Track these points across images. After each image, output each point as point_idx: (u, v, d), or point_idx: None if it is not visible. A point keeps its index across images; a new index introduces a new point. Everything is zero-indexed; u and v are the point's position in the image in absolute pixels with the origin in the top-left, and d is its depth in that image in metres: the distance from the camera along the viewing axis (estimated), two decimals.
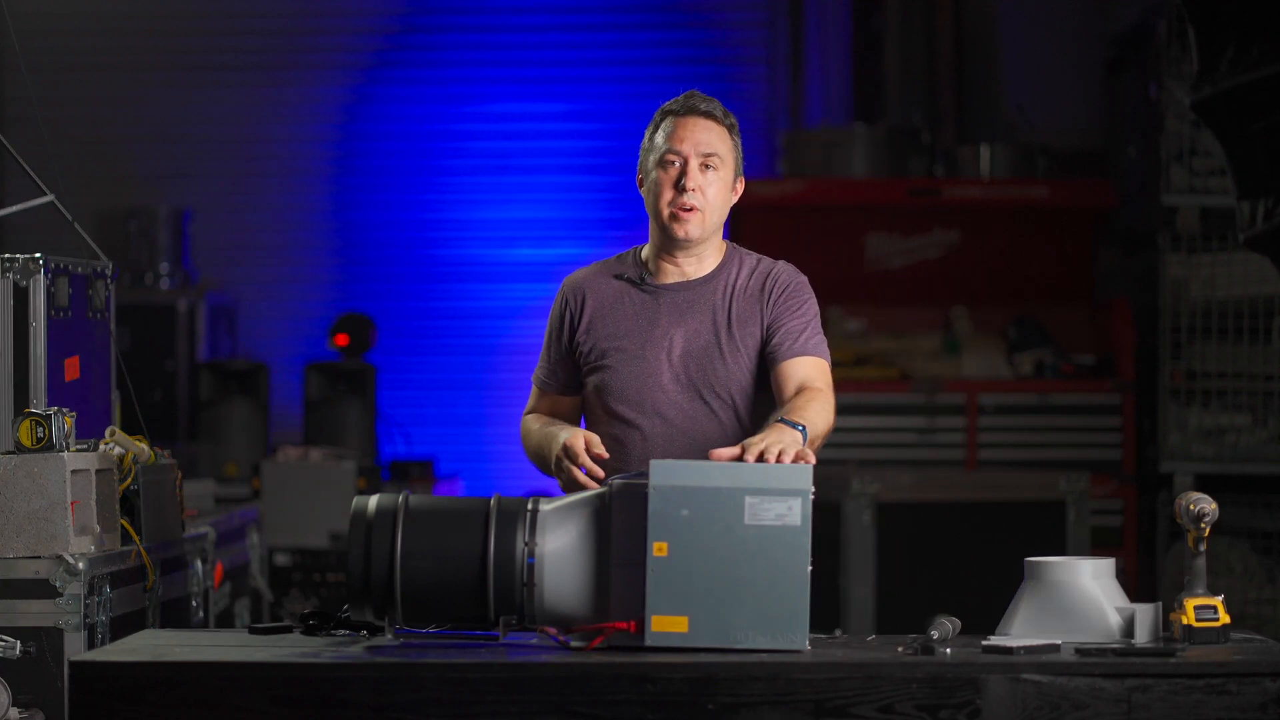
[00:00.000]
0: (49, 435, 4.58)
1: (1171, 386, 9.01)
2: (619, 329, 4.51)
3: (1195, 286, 8.98)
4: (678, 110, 4.51)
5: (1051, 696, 3.74)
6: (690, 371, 4.47)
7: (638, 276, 4.55)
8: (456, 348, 11.05)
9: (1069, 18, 10.66)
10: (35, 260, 4.97)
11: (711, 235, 4.53)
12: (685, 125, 4.49)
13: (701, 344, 4.48)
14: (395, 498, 4.01)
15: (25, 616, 4.52)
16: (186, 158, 11.10)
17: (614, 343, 4.50)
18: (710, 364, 4.47)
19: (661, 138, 4.52)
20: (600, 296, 4.54)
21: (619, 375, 4.48)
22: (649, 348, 4.48)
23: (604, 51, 11.03)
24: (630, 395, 4.47)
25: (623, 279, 4.55)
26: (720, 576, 3.87)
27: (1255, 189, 5.46)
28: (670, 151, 4.49)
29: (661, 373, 4.47)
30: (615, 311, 4.52)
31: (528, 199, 11.02)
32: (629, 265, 4.58)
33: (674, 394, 4.46)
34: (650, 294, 4.53)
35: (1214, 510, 4.04)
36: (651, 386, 4.46)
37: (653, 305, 4.51)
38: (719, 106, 4.54)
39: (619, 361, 4.48)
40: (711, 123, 4.50)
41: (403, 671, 3.76)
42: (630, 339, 4.50)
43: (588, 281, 4.58)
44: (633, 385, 4.47)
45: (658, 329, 4.49)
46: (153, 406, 9.10)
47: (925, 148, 10.02)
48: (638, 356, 4.48)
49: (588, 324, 4.53)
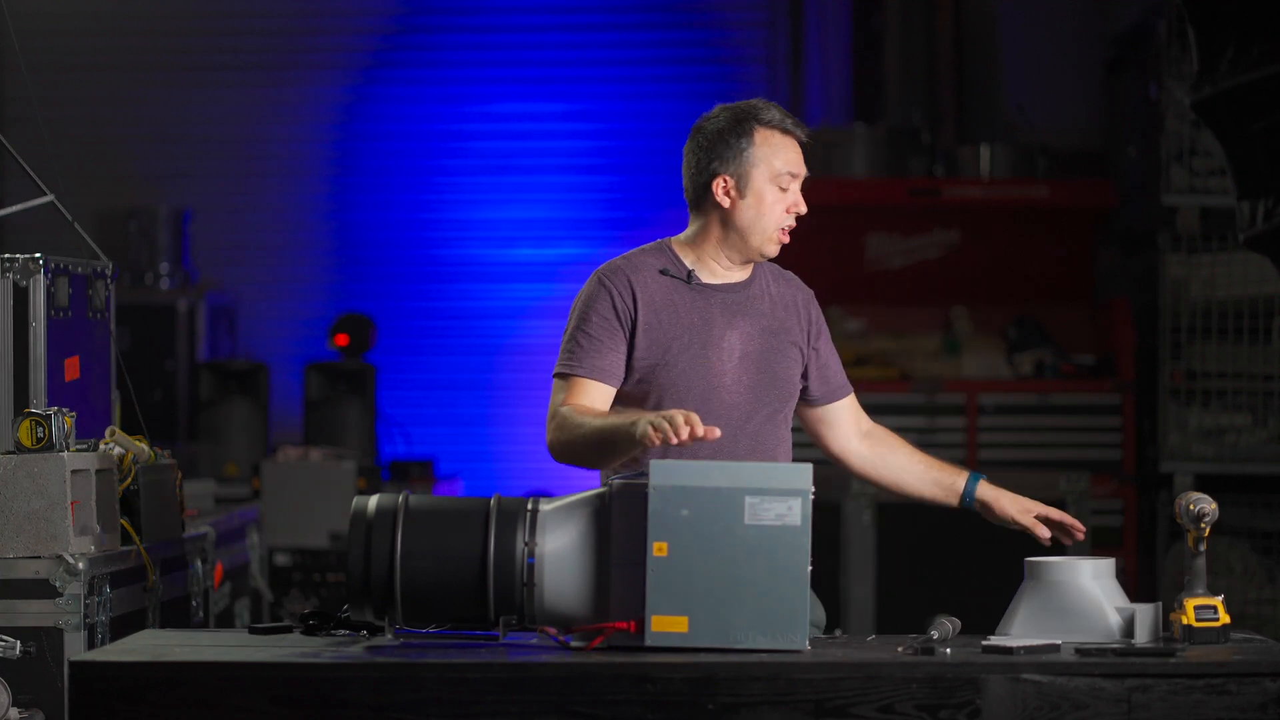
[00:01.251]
0: (49, 435, 4.58)
1: (1171, 386, 9.02)
2: (676, 328, 4.42)
3: (1195, 286, 8.98)
4: (790, 130, 4.44)
5: (1051, 696, 3.74)
6: (751, 374, 4.44)
7: (684, 275, 4.47)
8: (456, 348, 11.06)
9: (1069, 18, 10.66)
10: (35, 260, 4.97)
11: None
12: (795, 150, 4.45)
13: (757, 347, 4.45)
14: (395, 498, 4.01)
15: (25, 616, 4.52)
16: (186, 158, 11.10)
17: (674, 342, 4.41)
18: (769, 367, 4.45)
19: (777, 156, 4.42)
20: (650, 292, 4.43)
21: (683, 376, 4.40)
22: (710, 349, 4.42)
23: (604, 51, 11.03)
24: (695, 396, 4.39)
25: (668, 275, 4.48)
26: (720, 576, 3.87)
27: (1255, 189, 5.46)
28: (790, 174, 4.43)
29: (725, 374, 4.42)
30: (668, 309, 4.43)
31: (528, 199, 11.02)
32: (669, 260, 4.49)
33: (736, 395, 4.42)
34: (699, 293, 4.46)
35: (1214, 510, 4.04)
36: (715, 387, 4.41)
37: (704, 305, 4.44)
38: None
39: (682, 363, 4.40)
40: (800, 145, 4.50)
41: (403, 671, 3.76)
42: (690, 338, 4.42)
43: (633, 273, 4.44)
44: (697, 385, 4.40)
45: (714, 329, 4.43)
46: (153, 406, 9.10)
47: (925, 148, 10.02)
48: (700, 358, 4.41)
49: (644, 320, 4.41)
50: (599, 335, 4.41)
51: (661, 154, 10.93)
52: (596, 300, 4.44)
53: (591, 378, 4.39)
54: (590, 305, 4.44)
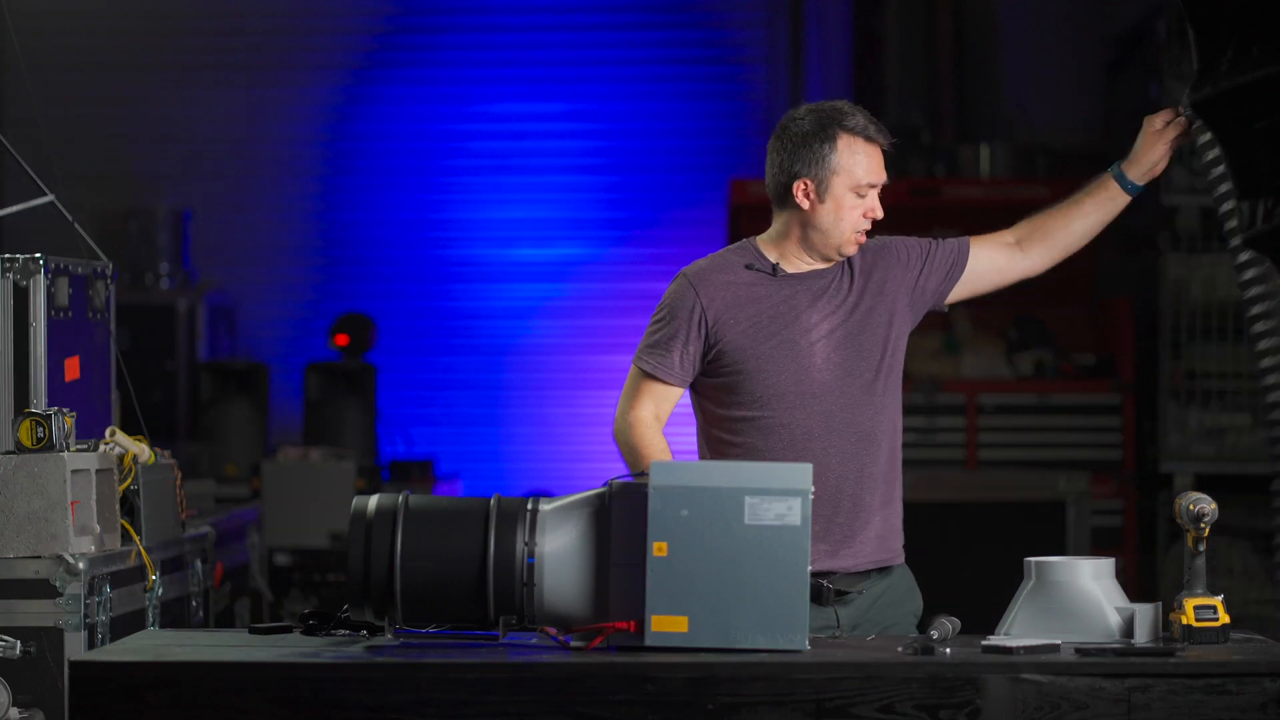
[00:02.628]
0: (49, 435, 4.58)
1: (1171, 386, 9.01)
2: (762, 318, 4.52)
3: (1195, 286, 8.98)
4: (873, 137, 4.57)
5: (1051, 696, 3.74)
6: (840, 352, 4.52)
7: (769, 269, 4.55)
8: (456, 348, 11.06)
9: (1069, 18, 10.66)
10: (35, 260, 4.97)
11: None
12: (877, 157, 4.58)
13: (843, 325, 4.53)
14: (395, 498, 4.01)
15: (25, 616, 4.52)
16: (186, 158, 11.10)
17: (760, 330, 4.51)
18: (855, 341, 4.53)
19: (859, 166, 4.54)
20: (735, 288, 4.54)
21: (772, 360, 4.49)
22: (798, 334, 4.51)
23: (604, 51, 11.03)
24: (787, 378, 4.49)
25: (754, 269, 4.56)
26: (720, 576, 3.88)
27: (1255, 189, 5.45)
28: (870, 184, 4.57)
29: (815, 354, 4.50)
30: (753, 302, 4.53)
31: (528, 199, 11.02)
32: (753, 256, 4.59)
33: (826, 374, 4.50)
34: (784, 282, 4.55)
35: (1214, 510, 4.04)
36: (806, 368, 4.49)
37: (790, 294, 4.53)
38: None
39: (768, 348, 4.50)
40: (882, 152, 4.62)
41: (402, 671, 3.76)
42: (777, 326, 4.51)
43: (717, 272, 4.57)
44: (788, 368, 4.49)
45: (800, 315, 4.52)
46: (153, 406, 9.10)
47: (925, 148, 10.02)
48: (788, 343, 4.50)
49: (729, 316, 4.52)
50: (674, 334, 4.55)
51: (662, 154, 10.94)
52: (676, 299, 4.57)
53: (659, 377, 4.55)
54: (670, 305, 4.57)
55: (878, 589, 4.54)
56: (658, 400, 4.56)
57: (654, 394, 4.56)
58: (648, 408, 4.56)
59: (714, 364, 4.54)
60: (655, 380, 4.56)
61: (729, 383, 4.53)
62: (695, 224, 10.66)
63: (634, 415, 4.55)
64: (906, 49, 10.56)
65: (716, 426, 4.56)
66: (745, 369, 4.50)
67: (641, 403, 4.56)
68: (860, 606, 4.50)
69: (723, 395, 4.54)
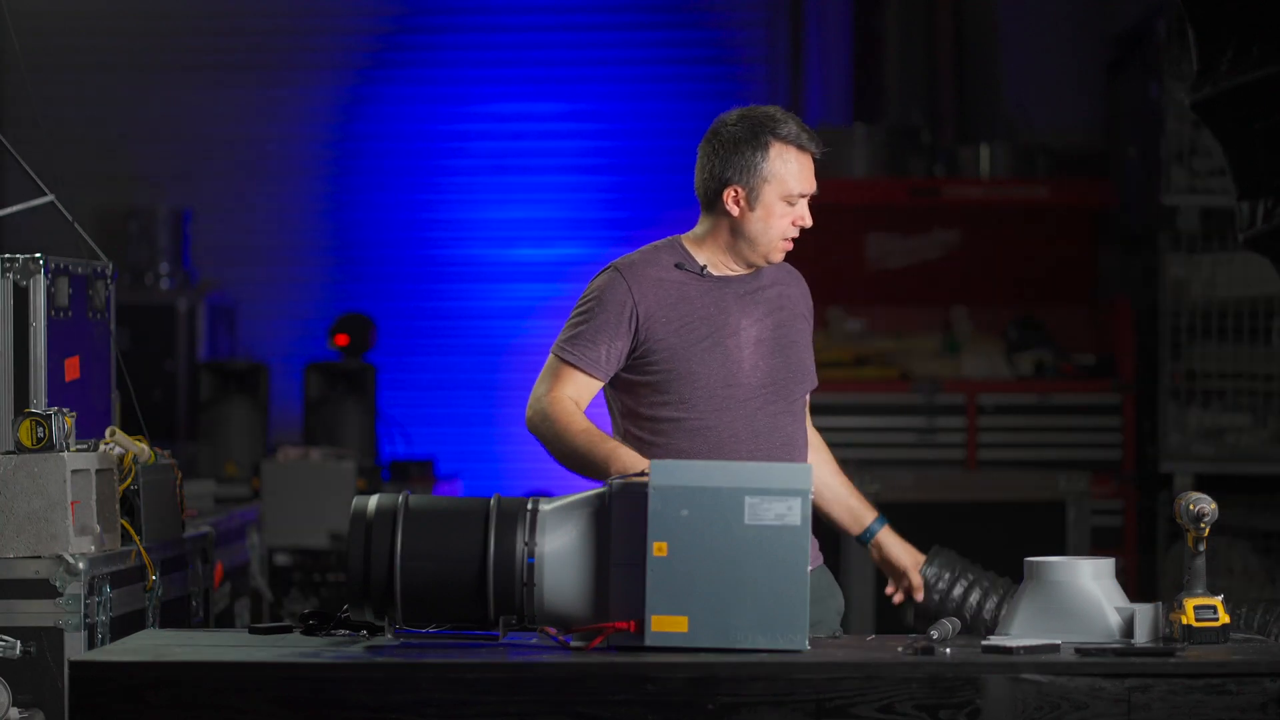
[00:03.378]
0: (49, 435, 4.58)
1: (1171, 386, 9.02)
2: (691, 319, 4.48)
3: (1195, 286, 8.98)
4: (801, 143, 4.49)
5: (1051, 696, 3.74)
6: (767, 360, 4.50)
7: (698, 269, 4.52)
8: (456, 348, 11.06)
9: (1069, 18, 10.66)
10: (35, 260, 4.97)
11: None
12: (808, 167, 4.50)
13: (771, 334, 4.52)
14: (395, 498, 4.01)
15: (25, 616, 4.52)
16: (186, 158, 11.10)
17: (690, 332, 4.47)
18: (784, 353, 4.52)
19: (790, 175, 4.47)
20: (664, 286, 4.50)
21: (701, 364, 4.46)
22: (726, 337, 4.48)
23: (604, 51, 11.03)
24: (714, 382, 4.46)
25: (682, 269, 4.53)
26: (720, 576, 3.88)
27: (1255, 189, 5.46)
28: (800, 194, 4.49)
29: (743, 360, 4.48)
30: (683, 302, 4.49)
31: (528, 199, 11.02)
32: (682, 255, 4.55)
33: (754, 379, 4.48)
34: (713, 284, 4.52)
35: (1214, 510, 4.04)
36: (734, 373, 4.46)
37: (718, 295, 4.51)
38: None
39: (698, 351, 4.46)
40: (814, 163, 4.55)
41: (402, 671, 3.76)
42: (706, 328, 4.48)
43: (647, 267, 4.52)
44: (716, 373, 4.46)
45: (729, 318, 4.49)
46: (153, 406, 9.10)
47: (925, 148, 10.02)
48: (717, 346, 4.47)
49: (658, 313, 4.48)
50: (601, 327, 4.47)
51: (662, 154, 10.93)
52: (606, 292, 4.49)
53: (583, 369, 4.46)
54: (599, 296, 4.49)
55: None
56: (578, 390, 4.47)
57: (575, 384, 4.47)
58: (568, 393, 4.45)
59: (640, 361, 4.48)
60: (578, 371, 4.47)
61: (655, 381, 4.47)
62: (695, 224, 10.65)
63: (553, 395, 4.45)
64: (906, 49, 10.56)
65: (636, 425, 4.50)
66: (674, 369, 4.46)
67: (561, 388, 4.46)
68: None
69: (646, 394, 4.49)
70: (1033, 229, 9.74)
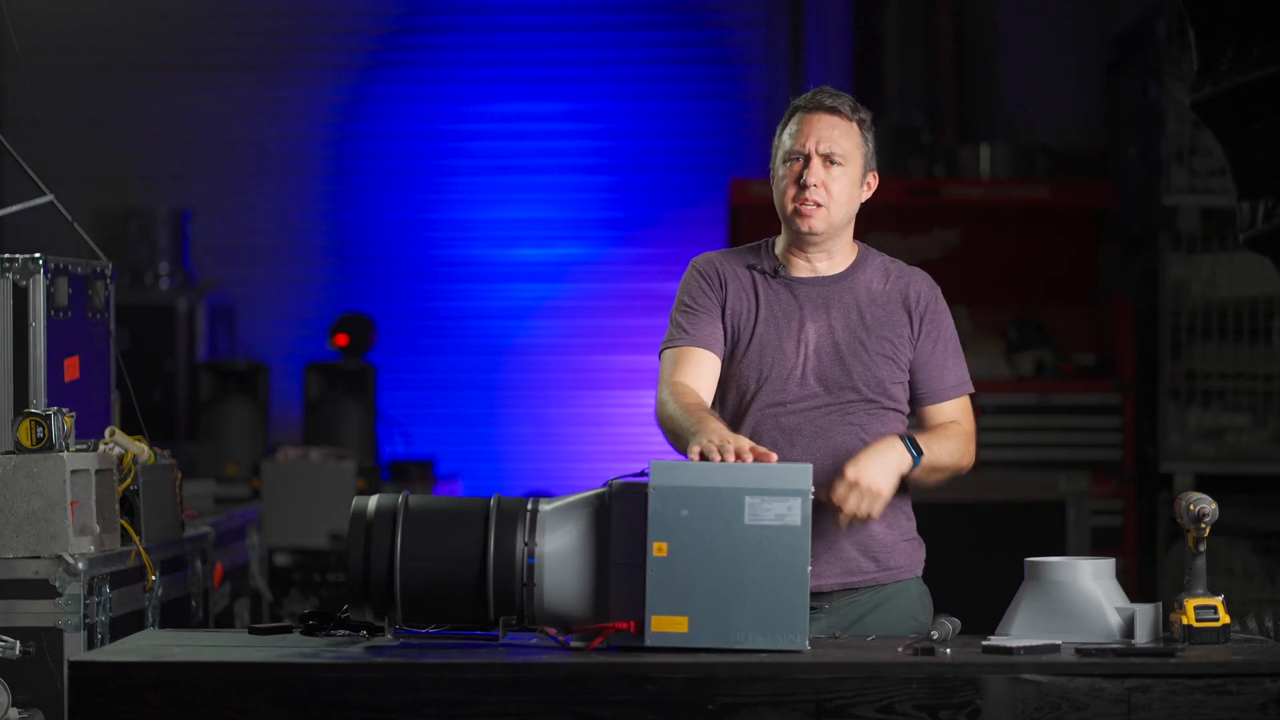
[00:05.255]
0: (49, 435, 4.58)
1: (1171, 386, 9.02)
2: (755, 318, 4.44)
3: (1195, 286, 8.98)
4: (804, 106, 4.46)
5: (1051, 696, 3.74)
6: (826, 367, 4.41)
7: (772, 269, 4.48)
8: (456, 348, 11.05)
9: (1069, 18, 10.66)
10: (35, 260, 4.97)
11: (840, 232, 4.48)
12: (810, 122, 4.43)
13: (838, 341, 4.42)
14: (395, 498, 4.01)
15: (25, 616, 4.52)
16: (186, 158, 11.10)
17: (751, 331, 4.43)
18: (846, 362, 4.42)
19: (788, 135, 4.45)
20: (738, 282, 4.48)
21: (753, 365, 4.42)
22: (786, 340, 4.42)
23: (604, 51, 11.03)
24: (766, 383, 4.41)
25: (756, 270, 4.49)
26: (720, 576, 3.87)
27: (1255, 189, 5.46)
28: (794, 150, 4.43)
29: (797, 365, 4.41)
30: (750, 299, 4.45)
31: (528, 199, 11.02)
32: (762, 257, 4.52)
33: (806, 388, 4.40)
34: (785, 285, 4.48)
35: (1214, 510, 4.04)
36: (785, 378, 4.40)
37: (789, 298, 4.46)
38: (848, 101, 4.47)
39: (754, 351, 4.42)
40: (837, 119, 4.44)
41: (402, 672, 3.76)
42: (767, 329, 4.43)
43: (723, 263, 4.51)
44: (769, 374, 4.40)
45: (794, 321, 4.43)
46: (152, 406, 9.10)
47: (925, 148, 10.02)
48: (775, 348, 4.42)
49: (729, 305, 4.45)
50: (697, 308, 4.46)
51: (662, 154, 10.94)
52: (690, 282, 4.50)
53: (695, 345, 4.43)
54: (686, 287, 4.50)
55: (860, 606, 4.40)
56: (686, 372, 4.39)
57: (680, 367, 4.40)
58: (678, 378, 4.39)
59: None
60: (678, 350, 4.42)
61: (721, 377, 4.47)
62: (695, 224, 10.66)
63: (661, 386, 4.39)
64: (906, 49, 10.56)
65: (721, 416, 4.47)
66: (731, 365, 4.44)
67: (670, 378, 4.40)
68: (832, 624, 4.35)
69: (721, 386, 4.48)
70: (1033, 229, 9.73)
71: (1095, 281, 9.93)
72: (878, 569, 4.42)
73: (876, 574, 4.42)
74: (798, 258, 4.49)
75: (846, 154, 4.44)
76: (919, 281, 4.55)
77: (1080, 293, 9.82)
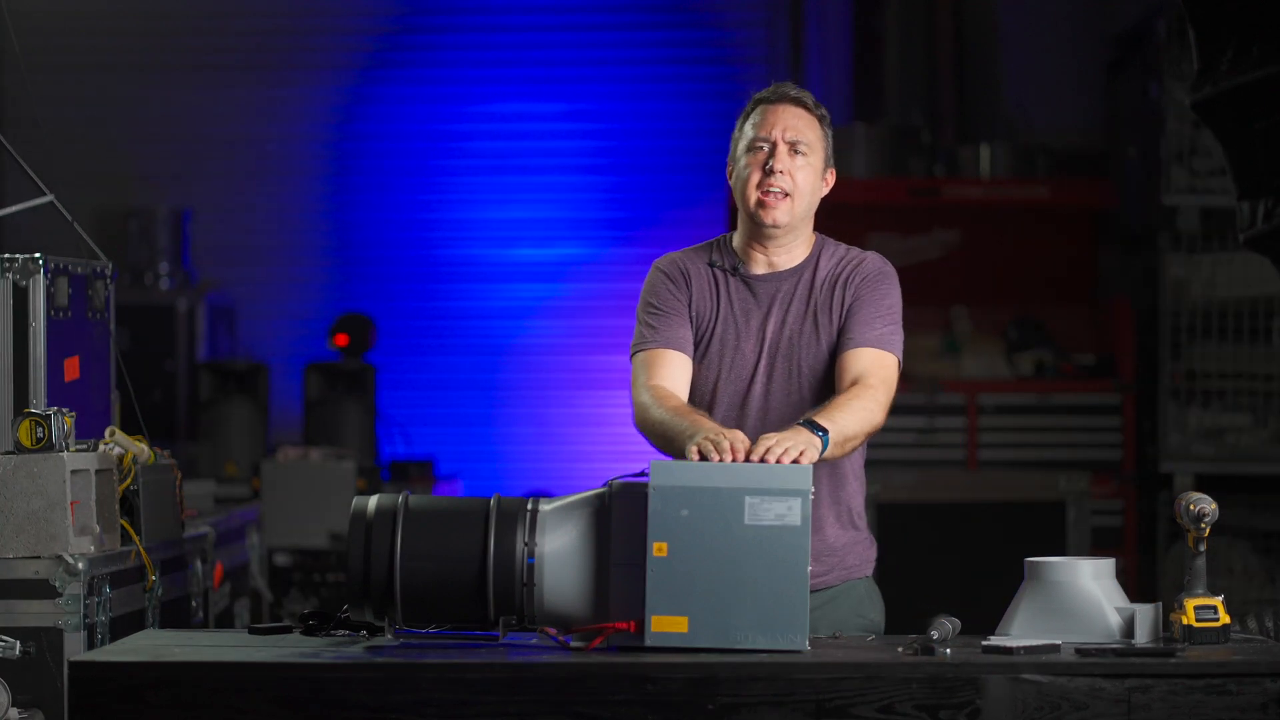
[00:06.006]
0: (49, 435, 4.58)
1: (1171, 386, 9.02)
2: (715, 317, 4.46)
3: (1195, 286, 8.98)
4: (768, 98, 4.48)
5: (1051, 696, 3.74)
6: (780, 363, 4.43)
7: (732, 266, 4.49)
8: (456, 348, 11.05)
9: (1069, 18, 10.66)
10: (35, 260, 4.97)
11: (800, 224, 4.48)
12: (775, 112, 4.46)
13: (790, 336, 4.45)
14: (395, 498, 4.01)
15: (25, 616, 4.52)
16: (186, 158, 11.10)
17: (712, 330, 4.45)
18: (796, 356, 4.44)
19: (750, 126, 4.47)
20: (700, 281, 4.50)
21: (713, 365, 4.44)
22: (745, 339, 4.45)
23: (604, 51, 11.03)
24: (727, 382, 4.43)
25: (716, 267, 4.51)
26: (720, 576, 3.87)
27: (1255, 189, 5.46)
28: (759, 138, 4.44)
29: (757, 364, 4.43)
30: (712, 299, 4.47)
31: (528, 199, 11.02)
32: (722, 253, 4.53)
33: (762, 385, 4.43)
34: (744, 283, 4.49)
35: (1214, 510, 4.04)
36: (744, 377, 4.43)
37: (748, 296, 4.48)
38: (810, 97, 4.50)
39: (714, 350, 4.45)
40: (801, 110, 4.47)
41: (403, 672, 3.76)
42: (727, 328, 4.45)
43: (685, 263, 4.52)
44: (729, 373, 4.43)
45: (752, 319, 4.45)
46: (152, 406, 9.10)
47: (925, 148, 10.02)
48: (734, 348, 4.45)
49: (693, 307, 4.47)
50: (665, 310, 4.47)
51: (662, 154, 10.93)
52: (656, 283, 4.51)
53: (667, 347, 4.44)
54: (652, 289, 4.51)
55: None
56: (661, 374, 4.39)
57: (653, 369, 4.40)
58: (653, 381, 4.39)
59: None
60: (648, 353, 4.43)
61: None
62: (695, 224, 10.65)
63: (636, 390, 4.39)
64: (906, 49, 10.56)
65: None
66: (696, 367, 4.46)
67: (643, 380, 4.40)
68: None
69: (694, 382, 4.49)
70: (1033, 229, 9.73)
71: (1095, 281, 9.93)
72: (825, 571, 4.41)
73: (825, 576, 4.41)
74: (756, 252, 4.49)
75: (811, 144, 4.46)
76: (868, 260, 4.54)
77: (1080, 293, 9.82)
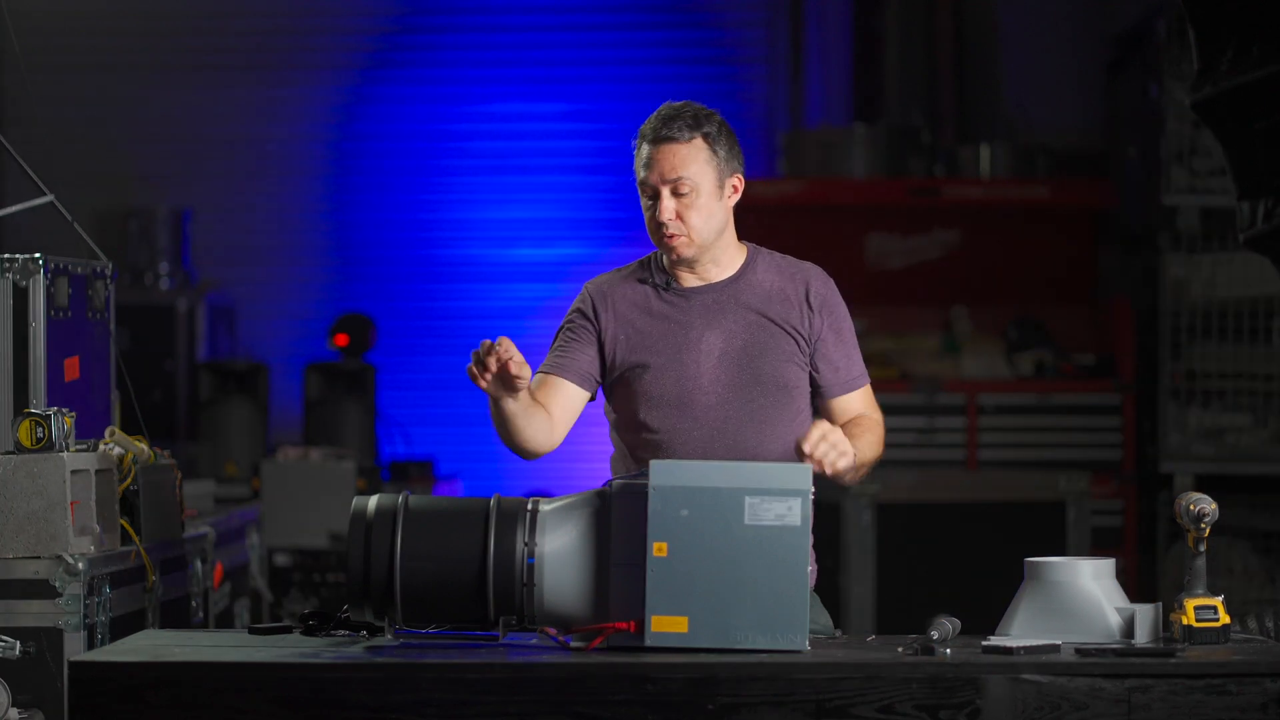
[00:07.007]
0: (49, 435, 4.58)
1: (1171, 386, 9.02)
2: (652, 335, 4.47)
3: (1195, 286, 8.98)
4: (647, 136, 4.46)
5: (1051, 696, 3.74)
6: (731, 373, 4.43)
7: (664, 282, 4.51)
8: (457, 348, 11.04)
9: (1069, 18, 10.66)
10: (35, 260, 4.97)
11: (713, 245, 4.49)
12: (654, 153, 4.45)
13: (740, 345, 4.45)
14: (395, 498, 4.01)
15: (25, 616, 4.52)
16: (186, 158, 11.10)
17: (648, 349, 4.46)
18: (751, 365, 4.44)
19: (639, 164, 4.49)
20: (628, 301, 4.50)
21: (657, 382, 4.44)
22: (686, 351, 4.45)
23: (604, 51, 11.03)
24: (671, 398, 4.43)
25: (648, 284, 4.52)
26: (720, 576, 3.88)
27: (1255, 189, 5.46)
28: (645, 181, 4.48)
29: (702, 375, 4.43)
30: (645, 317, 4.48)
31: (528, 199, 11.02)
32: (652, 270, 4.55)
33: (713, 396, 4.43)
34: (679, 296, 4.50)
35: (1214, 510, 4.04)
36: (691, 390, 4.43)
37: (684, 308, 4.48)
38: (686, 120, 4.43)
39: (656, 366, 4.45)
40: (676, 146, 4.43)
41: (402, 672, 3.76)
42: (666, 343, 4.46)
43: (613, 286, 4.53)
44: (673, 389, 4.43)
45: (692, 332, 4.46)
46: (152, 406, 9.10)
47: (925, 148, 10.02)
48: (675, 361, 4.44)
49: (616, 330, 4.48)
50: (571, 336, 4.51)
51: None
52: (575, 308, 4.55)
53: (558, 375, 4.48)
54: (571, 310, 4.56)
55: None
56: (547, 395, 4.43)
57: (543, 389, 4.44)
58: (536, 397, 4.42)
59: (609, 378, 4.49)
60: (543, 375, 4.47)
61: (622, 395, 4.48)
62: None
63: None
64: (906, 49, 10.56)
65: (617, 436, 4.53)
66: (635, 385, 4.46)
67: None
68: None
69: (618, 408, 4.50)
70: (1033, 229, 9.74)
71: (1095, 281, 9.93)
72: None
73: None
74: (684, 271, 4.51)
75: (693, 178, 4.44)
76: (815, 276, 4.57)
77: (1080, 293, 9.83)
